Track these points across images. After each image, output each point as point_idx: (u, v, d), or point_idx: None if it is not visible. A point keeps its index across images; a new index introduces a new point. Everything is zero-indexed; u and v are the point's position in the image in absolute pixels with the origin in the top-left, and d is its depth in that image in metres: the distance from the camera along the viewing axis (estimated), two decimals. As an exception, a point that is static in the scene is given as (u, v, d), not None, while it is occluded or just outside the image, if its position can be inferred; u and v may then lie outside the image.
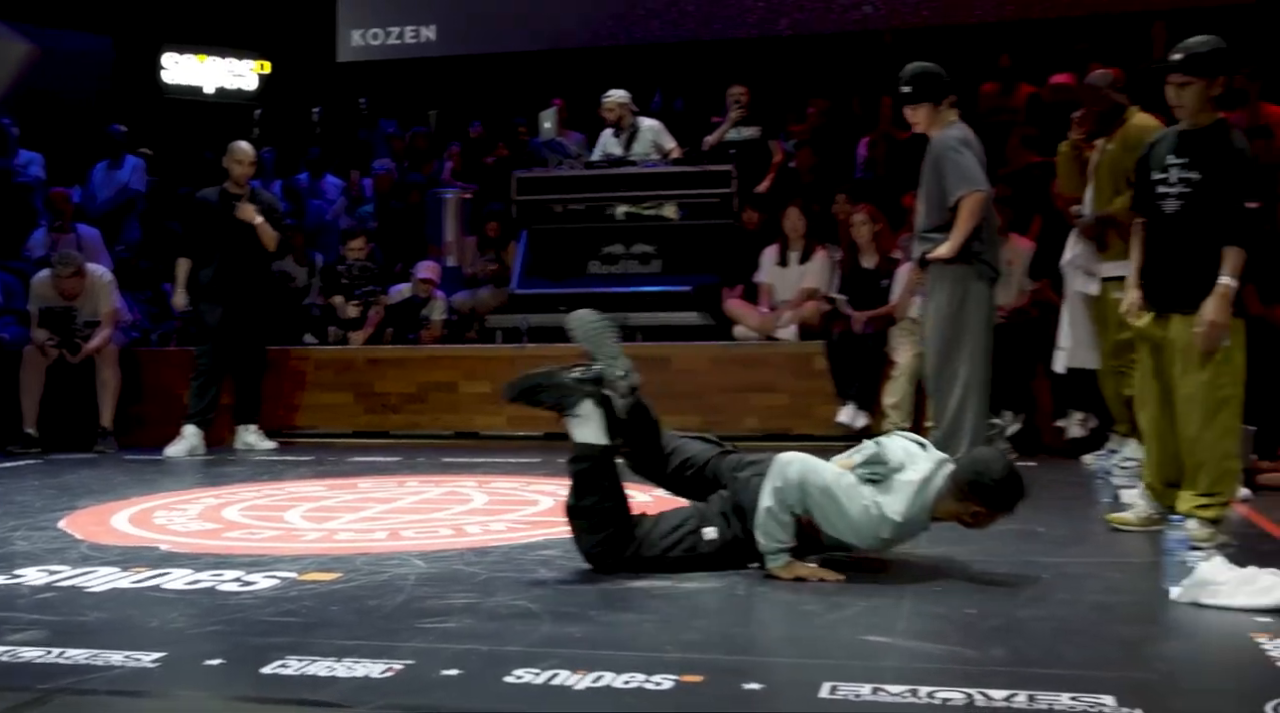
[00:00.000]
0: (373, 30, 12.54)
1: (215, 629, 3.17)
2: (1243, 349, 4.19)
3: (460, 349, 8.47)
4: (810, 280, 7.90)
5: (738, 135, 9.36)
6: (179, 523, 4.89)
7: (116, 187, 10.95)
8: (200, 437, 7.59)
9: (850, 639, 3.03)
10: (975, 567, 3.87)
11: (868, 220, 7.52)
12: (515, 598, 3.48)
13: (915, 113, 5.69)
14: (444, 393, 8.15)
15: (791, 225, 7.98)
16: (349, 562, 4.03)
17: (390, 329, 8.66)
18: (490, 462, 6.90)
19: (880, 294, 7.42)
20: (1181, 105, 4.29)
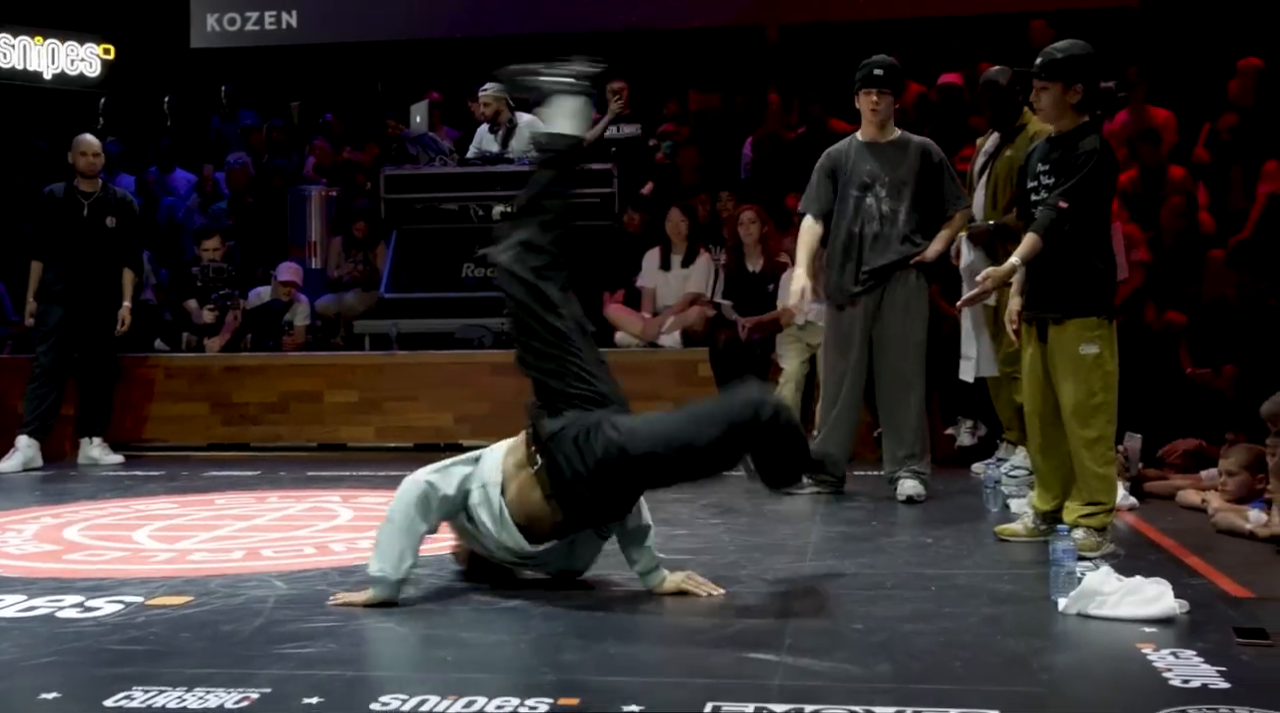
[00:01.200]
0: (229, 15, 12.29)
1: (52, 660, 3.08)
2: (1114, 356, 4.35)
3: (325, 356, 8.35)
4: (693, 284, 7.97)
5: (618, 133, 9.41)
6: (13, 545, 4.73)
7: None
8: (36, 449, 7.35)
9: (733, 658, 3.06)
10: (861, 580, 3.95)
11: (756, 220, 7.60)
12: (382, 620, 3.45)
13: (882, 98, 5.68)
14: (307, 403, 8.02)
15: (674, 227, 8.04)
16: (202, 584, 3.95)
17: (249, 335, 8.49)
18: (357, 476, 6.81)
19: (767, 298, 7.51)
20: (1041, 109, 4.54)
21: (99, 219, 7.58)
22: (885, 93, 5.65)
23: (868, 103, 5.66)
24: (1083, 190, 4.28)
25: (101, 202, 7.63)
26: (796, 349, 7.28)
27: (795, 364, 7.24)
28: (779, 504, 5.66)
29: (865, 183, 5.67)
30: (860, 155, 5.71)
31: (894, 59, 5.78)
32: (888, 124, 5.72)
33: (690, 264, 8.02)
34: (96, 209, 7.59)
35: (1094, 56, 4.43)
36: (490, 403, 7.89)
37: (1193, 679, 2.84)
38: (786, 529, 4.95)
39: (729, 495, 5.88)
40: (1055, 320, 4.35)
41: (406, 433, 8.02)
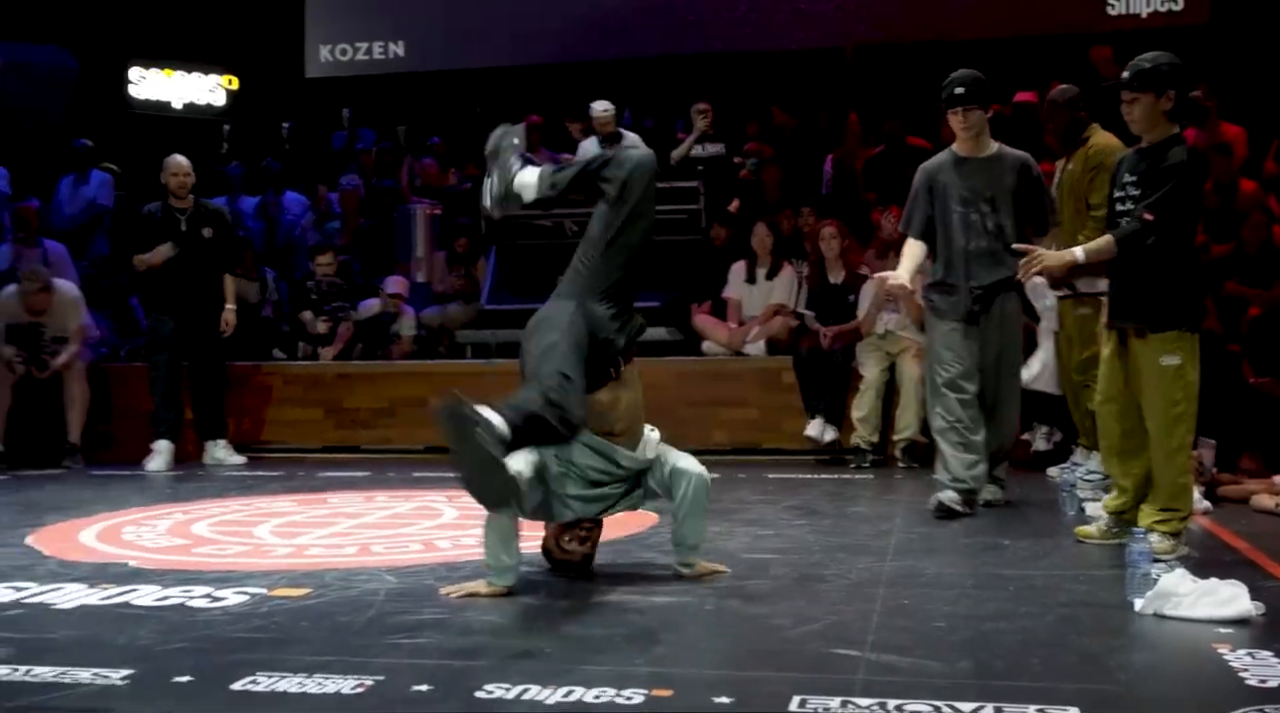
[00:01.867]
0: (341, 46, 12.50)
1: (184, 646, 3.15)
2: (1196, 366, 4.24)
3: (430, 365, 8.45)
4: (778, 295, 7.94)
5: (703, 152, 9.42)
6: (148, 539, 4.85)
7: (83, 202, 10.87)
8: (171, 451, 7.56)
9: (819, 653, 3.04)
10: (943, 580, 3.90)
11: (836, 235, 7.57)
12: (486, 614, 3.48)
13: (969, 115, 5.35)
14: (414, 408, 8.10)
15: (759, 241, 8.02)
16: (319, 578, 4.01)
17: (360, 345, 8.63)
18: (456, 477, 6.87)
19: (847, 309, 7.46)
20: (1133, 121, 4.37)
21: (196, 231, 7.76)
22: (971, 109, 5.33)
23: (955, 122, 5.40)
24: (1169, 203, 4.16)
25: (195, 215, 7.80)
26: (876, 357, 7.23)
27: (875, 372, 7.19)
28: (861, 507, 5.63)
29: (966, 198, 5.34)
30: (958, 170, 5.39)
31: (976, 73, 5.43)
32: (982, 138, 5.39)
33: (775, 277, 8.00)
34: (193, 222, 7.77)
35: (1181, 66, 4.29)
36: (584, 408, 7.93)
37: (1269, 679, 2.76)
38: (868, 530, 4.90)
39: (813, 498, 5.86)
40: (1137, 332, 4.26)
41: (504, 437, 8.07)
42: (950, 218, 5.37)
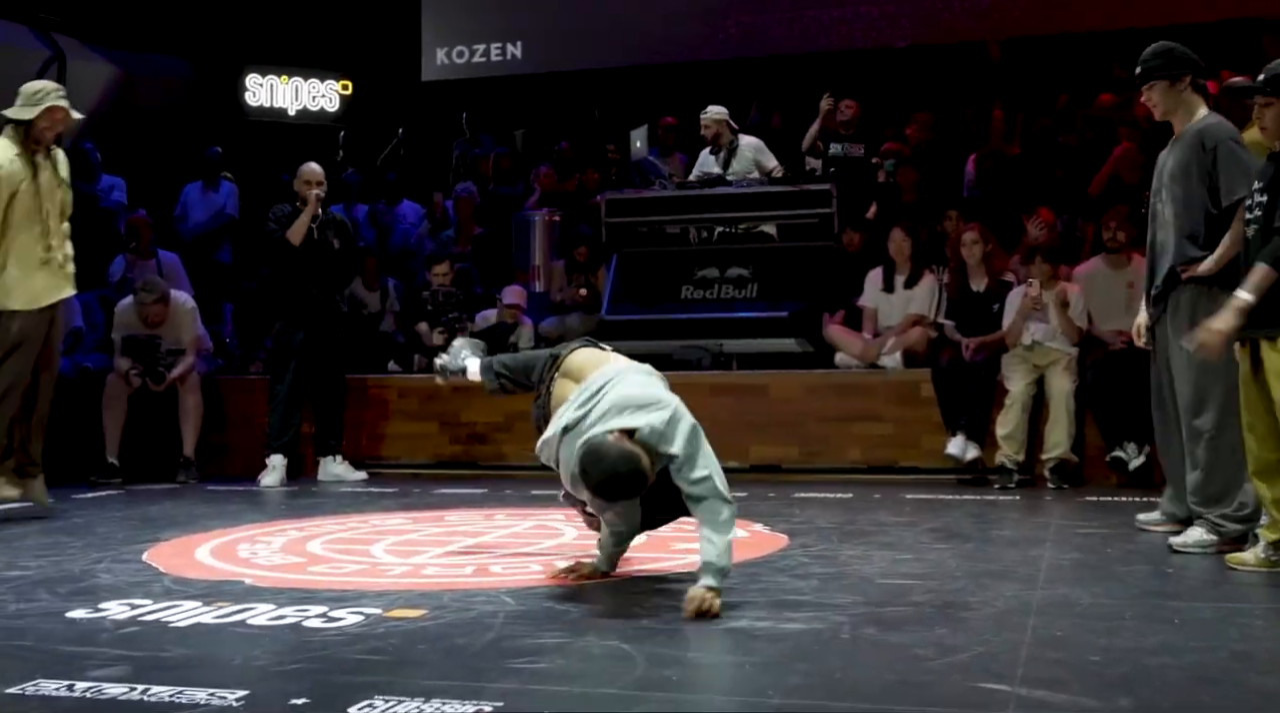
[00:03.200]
0: (458, 48, 12.72)
1: (300, 667, 3.21)
2: None
3: (548, 377, 8.49)
4: (917, 305, 7.83)
5: (841, 151, 9.35)
6: (263, 556, 4.98)
7: (213, 209, 11.26)
8: (285, 466, 7.75)
9: (963, 686, 2.98)
10: (1098, 610, 3.79)
11: (979, 240, 7.44)
12: (607, 638, 3.48)
13: (1151, 93, 5.05)
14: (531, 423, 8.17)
15: (896, 248, 7.92)
16: (436, 598, 4.06)
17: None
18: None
19: (991, 318, 7.32)
20: (1265, 128, 4.33)
21: (325, 240, 7.92)
22: (1152, 85, 5.00)
23: (1145, 100, 5.16)
24: None
25: (323, 224, 7.95)
26: (1023, 370, 7.08)
27: (1021, 386, 7.04)
28: (1007, 530, 5.51)
29: (1155, 186, 5.12)
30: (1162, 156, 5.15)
31: (1163, 44, 5.06)
32: (1175, 114, 5.00)
33: (914, 285, 7.89)
34: (321, 231, 7.93)
35: None
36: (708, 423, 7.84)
37: None
38: (1015, 555, 4.79)
39: (955, 520, 5.76)
40: (1268, 337, 4.18)
41: (628, 454, 8.08)
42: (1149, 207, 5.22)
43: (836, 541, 5.17)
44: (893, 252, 7.95)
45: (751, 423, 7.84)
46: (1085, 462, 7.09)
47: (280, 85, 13.60)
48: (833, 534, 5.34)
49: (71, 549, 5.21)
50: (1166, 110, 5.03)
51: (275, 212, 7.99)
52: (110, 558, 4.96)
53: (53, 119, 6.13)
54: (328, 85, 13.76)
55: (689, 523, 4.13)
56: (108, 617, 3.84)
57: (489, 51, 12.62)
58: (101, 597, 4.14)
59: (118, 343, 8.08)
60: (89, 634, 3.62)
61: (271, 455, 7.75)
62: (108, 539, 5.49)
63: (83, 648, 3.43)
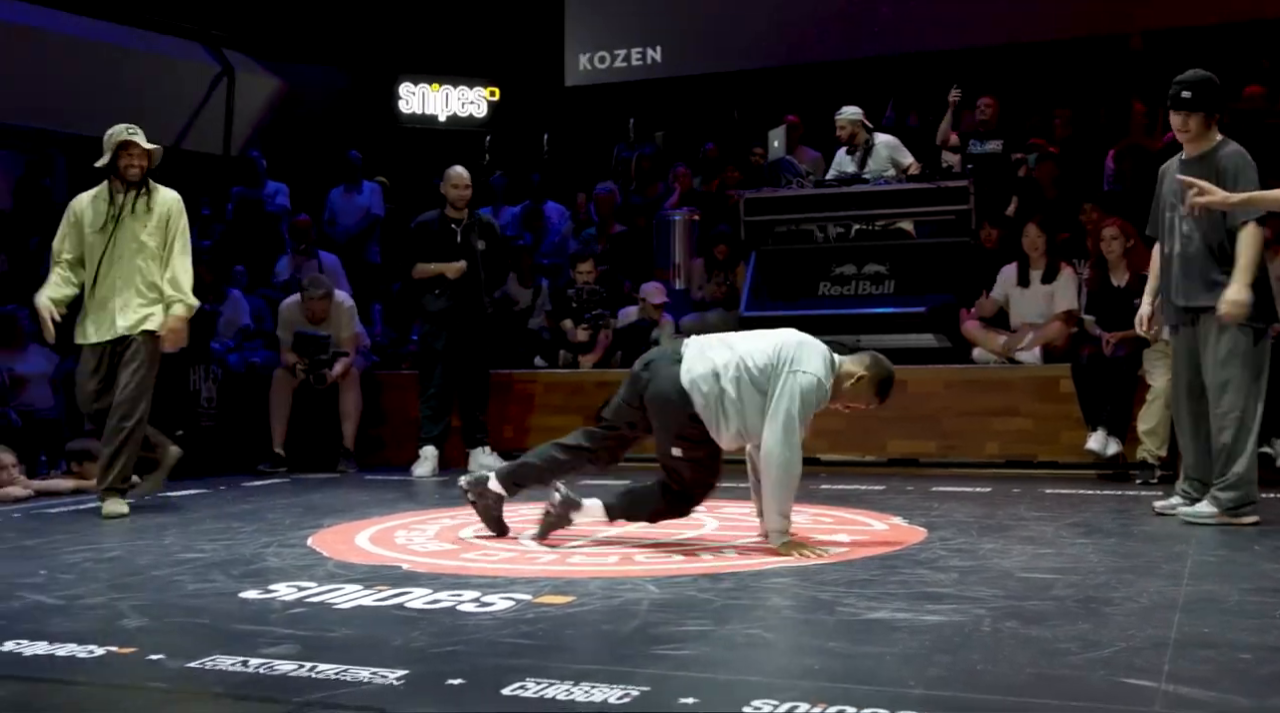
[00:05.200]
0: (599, 54, 12.82)
1: (455, 649, 3.27)
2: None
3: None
4: (1061, 300, 7.65)
5: (981, 148, 9.18)
6: (418, 543, 5.09)
7: (358, 211, 11.52)
8: (438, 457, 7.90)
9: (1108, 682, 2.90)
10: (1247, 607, 3.65)
11: (1119, 235, 7.23)
12: (750, 627, 3.47)
13: (1189, 121, 5.30)
14: (672, 416, 8.18)
15: (1031, 242, 7.75)
16: (582, 585, 4.10)
17: (619, 352, 8.80)
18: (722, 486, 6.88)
19: (1132, 313, 7.06)
20: None
21: (470, 242, 8.02)
22: (1192, 114, 5.25)
23: (1175, 122, 5.35)
24: None
25: (470, 227, 8.05)
26: (1165, 365, 6.83)
27: (1163, 381, 6.80)
28: (1148, 525, 5.36)
29: (1171, 201, 5.35)
30: (1176, 170, 5.38)
31: (1208, 75, 5.31)
32: (1199, 141, 5.32)
33: (1051, 281, 7.70)
34: (467, 233, 8.03)
35: None
36: (845, 418, 7.77)
37: None
38: (1159, 551, 4.65)
39: (1095, 515, 5.62)
40: None
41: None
42: (1162, 221, 5.43)
43: (975, 534, 5.09)
44: (1027, 246, 7.78)
45: (889, 418, 7.72)
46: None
47: (431, 93, 13.89)
48: (972, 528, 5.25)
49: (242, 534, 5.40)
50: (1196, 137, 5.31)
51: (422, 219, 8.13)
52: (278, 543, 5.12)
53: (130, 156, 6.14)
54: (476, 92, 14.01)
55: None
56: (277, 598, 3.96)
57: (630, 56, 12.69)
58: (271, 579, 4.28)
59: (286, 339, 8.32)
60: (260, 614, 3.74)
61: (424, 447, 7.92)
62: (275, 525, 5.68)
63: (255, 627, 3.55)
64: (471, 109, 14.03)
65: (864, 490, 6.64)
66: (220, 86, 12.73)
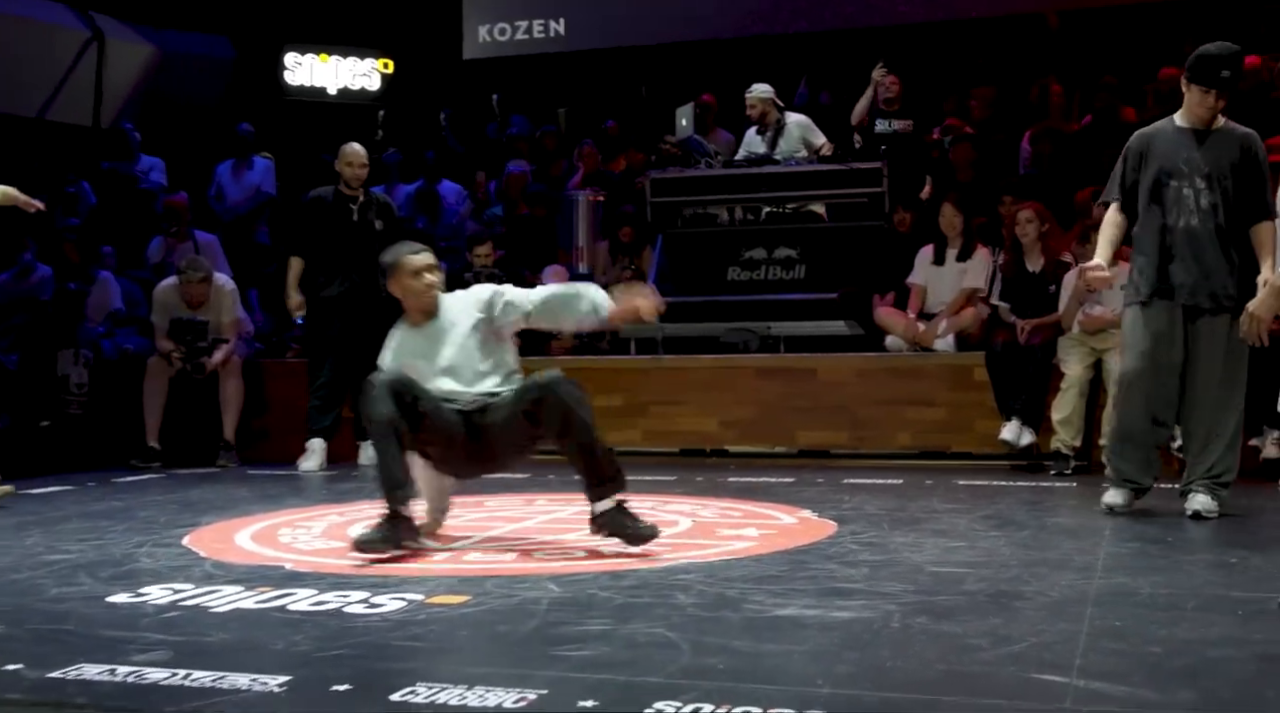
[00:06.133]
0: (500, 25, 12.71)
1: (342, 653, 3.23)
2: None
3: (592, 361, 8.52)
4: (970, 279, 7.77)
5: (888, 128, 9.28)
6: (303, 541, 5.02)
7: (247, 188, 11.31)
8: (325, 451, 7.80)
9: (1020, 677, 2.96)
10: (1159, 600, 3.75)
11: (1033, 218, 7.37)
12: (653, 625, 3.48)
13: (1221, 99, 5.25)
14: (574, 407, 8.17)
15: (948, 222, 7.88)
16: (478, 584, 4.08)
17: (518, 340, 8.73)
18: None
19: (1047, 300, 7.26)
20: None
21: (368, 222, 7.92)
22: (1225, 95, 5.25)
23: (1203, 100, 5.25)
24: None
25: (366, 205, 7.96)
26: (1080, 353, 7.02)
27: (1079, 369, 6.99)
28: (1063, 518, 5.47)
29: (1182, 171, 5.26)
30: (1178, 141, 5.31)
31: (1238, 50, 5.28)
32: (1217, 118, 5.32)
33: (966, 259, 7.83)
34: (363, 212, 7.93)
35: None
36: (755, 407, 7.92)
37: None
38: (1072, 544, 4.76)
39: (1008, 507, 5.72)
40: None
41: (672, 438, 8.11)
42: (1161, 192, 5.28)
43: (887, 527, 5.15)
44: (944, 226, 7.91)
45: (799, 407, 7.83)
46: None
47: (320, 64, 13.67)
48: (883, 521, 5.32)
49: (112, 533, 5.28)
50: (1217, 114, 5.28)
51: (314, 194, 8.00)
52: (151, 542, 5.02)
53: None
54: (368, 64, 13.81)
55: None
56: (149, 601, 3.88)
57: (532, 28, 12.60)
58: (143, 581, 4.19)
59: (161, 325, 8.15)
60: (130, 619, 3.66)
61: (312, 440, 7.81)
62: (149, 523, 5.56)
63: (124, 633, 3.47)
64: (364, 82, 13.84)
65: (773, 483, 6.69)
66: (89, 53, 12.37)
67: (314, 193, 8.06)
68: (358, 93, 13.77)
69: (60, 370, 8.21)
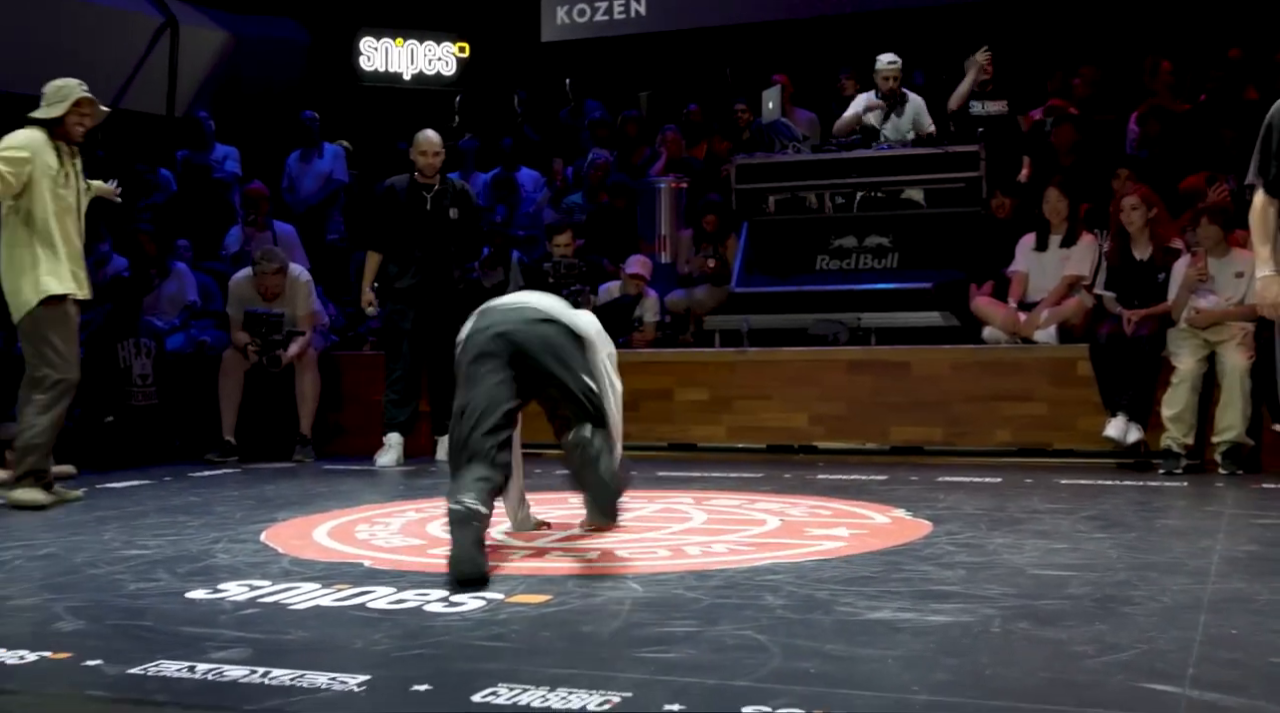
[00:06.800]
0: (579, 6, 12.76)
1: (421, 652, 3.27)
2: None
3: (675, 353, 8.53)
4: (1074, 266, 7.67)
5: (983, 110, 9.19)
6: (381, 538, 5.08)
7: (319, 177, 11.44)
8: (403, 445, 7.88)
9: (1128, 687, 2.92)
10: (1277, 606, 3.68)
11: (1140, 205, 7.25)
12: (741, 628, 3.48)
13: None
14: (657, 401, 8.22)
15: (1052, 207, 7.79)
16: (560, 584, 4.11)
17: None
18: (708, 477, 6.93)
19: (1156, 290, 7.14)
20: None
21: (442, 211, 7.96)
22: None
23: None
24: None
25: (441, 194, 7.99)
26: (1192, 346, 6.90)
27: (1191, 363, 6.86)
28: (1173, 519, 5.38)
29: None
30: None
31: None
32: None
33: (1070, 246, 7.73)
34: (438, 201, 7.97)
35: None
36: (845, 402, 7.88)
37: None
38: (1184, 547, 4.67)
39: (1115, 508, 5.64)
40: None
41: (758, 433, 8.09)
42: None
43: (985, 528, 5.11)
44: (1047, 212, 7.81)
45: (892, 403, 7.77)
46: (1261, 446, 6.89)
47: (395, 49, 13.80)
48: (980, 521, 5.27)
49: (189, 529, 5.38)
50: None
51: (388, 184, 8.07)
52: (228, 538, 5.11)
53: (81, 114, 6.21)
54: (444, 48, 13.92)
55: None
56: (227, 598, 3.96)
57: (612, 8, 12.63)
58: (220, 577, 4.28)
59: (236, 318, 8.28)
60: (208, 616, 3.74)
61: (389, 434, 7.90)
62: (225, 519, 5.66)
63: (202, 629, 3.54)
64: (439, 66, 13.95)
65: (865, 481, 6.65)
66: (163, 40, 12.62)
67: (388, 182, 8.12)
68: (433, 78, 13.89)
69: (122, 362, 8.37)
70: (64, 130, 6.16)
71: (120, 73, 12.23)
